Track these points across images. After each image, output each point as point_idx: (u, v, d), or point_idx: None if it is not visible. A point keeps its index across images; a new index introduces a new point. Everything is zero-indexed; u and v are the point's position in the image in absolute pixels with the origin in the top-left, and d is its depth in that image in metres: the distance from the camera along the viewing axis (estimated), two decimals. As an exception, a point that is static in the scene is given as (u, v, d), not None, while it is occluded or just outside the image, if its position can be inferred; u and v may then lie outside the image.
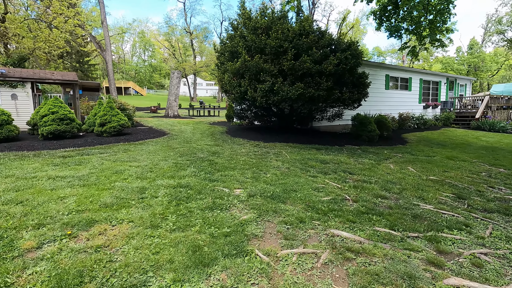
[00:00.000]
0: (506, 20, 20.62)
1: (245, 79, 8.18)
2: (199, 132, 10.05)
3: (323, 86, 7.62)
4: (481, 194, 4.43)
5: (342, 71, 7.86)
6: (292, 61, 7.48)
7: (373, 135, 9.12)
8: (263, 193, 3.98)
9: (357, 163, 6.23)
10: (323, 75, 7.75)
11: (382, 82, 13.60)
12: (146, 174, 4.55)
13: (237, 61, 8.23)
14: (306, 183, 4.53)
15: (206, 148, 6.99)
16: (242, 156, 6.20)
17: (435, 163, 6.53)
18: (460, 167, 6.26)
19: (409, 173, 5.53)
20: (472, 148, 8.93)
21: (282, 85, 7.61)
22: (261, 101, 7.90)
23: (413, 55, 11.87)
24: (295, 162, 5.87)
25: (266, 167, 5.37)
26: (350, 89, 8.39)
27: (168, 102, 18.49)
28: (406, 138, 10.43)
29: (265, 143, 8.19)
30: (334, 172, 5.30)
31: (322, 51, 7.77)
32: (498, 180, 5.39)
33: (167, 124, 12.66)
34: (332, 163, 6.08)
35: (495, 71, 52.69)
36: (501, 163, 6.76)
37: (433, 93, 16.98)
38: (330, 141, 9.03)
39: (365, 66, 12.55)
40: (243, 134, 9.85)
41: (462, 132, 13.35)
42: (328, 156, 6.77)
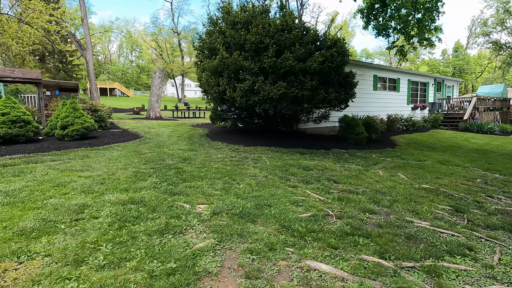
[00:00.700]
0: (491, 22, 20.68)
1: (224, 78, 7.55)
2: (176, 135, 9.34)
3: (307, 85, 7.06)
4: (481, 206, 3.92)
5: (327, 69, 7.32)
6: (273, 58, 6.89)
7: (361, 137, 8.62)
8: (231, 209, 3.34)
9: (343, 169, 5.68)
10: (307, 74, 7.20)
11: (370, 83, 13.21)
12: (95, 187, 3.85)
13: (215, 58, 7.59)
14: (284, 195, 3.92)
15: (178, 153, 6.30)
16: (216, 163, 5.55)
17: (426, 168, 6.04)
18: (454, 172, 5.79)
19: (400, 180, 5.00)
20: (463, 151, 8.55)
21: (263, 84, 7.01)
22: (241, 101, 7.27)
23: (401, 55, 11.50)
24: (275, 169, 5.26)
25: (241, 176, 4.74)
26: (336, 89, 7.86)
27: (150, 104, 17.64)
28: (395, 141, 10.01)
29: (246, 147, 7.56)
30: (317, 181, 4.71)
31: (306, 48, 7.22)
32: (495, 187, 4.92)
33: (145, 126, 11.87)
34: (316, 169, 5.50)
35: (479, 74, 53.84)
36: (495, 168, 6.34)
37: (421, 94, 16.76)
38: (316, 144, 8.48)
39: (353, 65, 12.11)
40: (224, 137, 9.20)
41: (451, 134, 13.08)
42: (312, 161, 6.20)
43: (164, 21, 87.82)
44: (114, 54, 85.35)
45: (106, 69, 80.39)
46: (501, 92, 19.37)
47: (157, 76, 17.32)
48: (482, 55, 56.63)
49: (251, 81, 7.13)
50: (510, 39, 20.59)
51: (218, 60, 7.34)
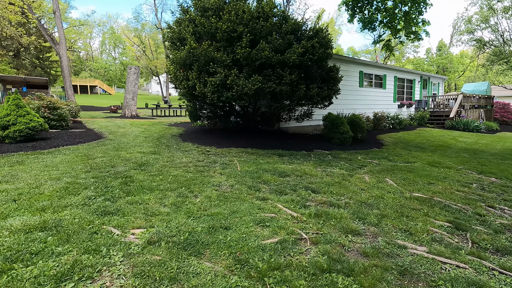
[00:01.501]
0: (475, 19, 20.61)
1: (193, 71, 6.71)
2: (145, 135, 8.43)
3: (286, 79, 6.33)
4: (483, 221, 3.28)
5: (308, 62, 6.61)
6: (247, 49, 6.11)
7: (346, 137, 7.98)
8: (175, 235, 2.56)
9: (325, 174, 4.98)
10: (286, 67, 6.46)
11: (356, 79, 12.65)
12: (1, 206, 2.97)
13: (184, 49, 6.74)
14: (249, 211, 3.16)
15: (136, 157, 5.44)
16: (176, 169, 4.73)
17: (417, 172, 5.43)
18: (447, 176, 5.19)
19: (388, 188, 4.34)
20: (453, 151, 8.05)
21: (236, 78, 6.22)
22: (212, 97, 6.47)
23: (388, 50, 10.98)
24: (245, 176, 4.49)
25: (202, 186, 3.95)
26: (319, 84, 7.17)
27: (125, 101, 16.54)
28: (382, 140, 9.45)
29: (218, 148, 6.77)
30: (293, 191, 3.98)
31: (284, 38, 6.48)
32: (494, 194, 4.34)
33: (115, 125, 10.86)
34: (294, 175, 4.78)
35: (462, 72, 54.95)
36: (489, 170, 5.80)
37: (407, 92, 16.39)
38: (298, 145, 7.77)
39: (337, 60, 11.49)
40: (198, 137, 8.37)
41: (438, 132, 12.70)
42: (290, 165, 5.47)
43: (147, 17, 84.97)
44: (96, 51, 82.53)
45: (88, 66, 77.68)
46: (485, 89, 19.33)
47: (132, 71, 16.23)
48: (464, 54, 57.86)
49: (224, 75, 6.33)
50: (493, 37, 20.56)
51: (186, 51, 6.50)
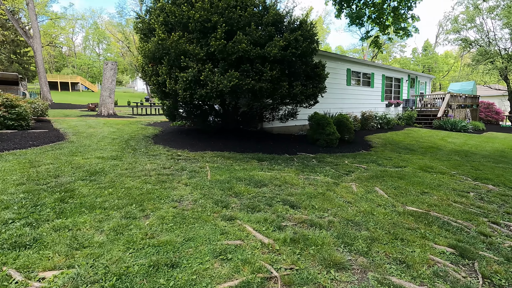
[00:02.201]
0: (462, 19, 20.59)
1: (163, 66, 6.00)
2: (114, 137, 7.64)
3: (267, 76, 5.71)
4: (490, 243, 2.76)
5: (291, 57, 6.01)
6: (223, 41, 5.45)
7: (332, 139, 7.44)
8: (99, 279, 1.89)
9: (307, 183, 4.39)
10: (267, 62, 5.84)
11: (343, 77, 12.18)
12: None
13: (152, 41, 6.01)
14: (210, 237, 2.53)
15: (91, 164, 4.70)
16: (134, 179, 4.03)
17: (408, 178, 4.92)
18: (441, 184, 4.70)
19: (379, 200, 3.79)
20: (444, 153, 7.64)
21: (211, 74, 5.56)
22: (184, 95, 5.78)
23: (376, 47, 10.53)
24: (214, 187, 3.85)
25: (159, 202, 3.28)
26: (303, 81, 6.59)
27: (101, 99, 15.55)
28: (370, 141, 8.98)
29: (192, 152, 6.09)
30: (269, 206, 3.37)
31: (265, 30, 5.85)
32: (495, 206, 3.85)
33: (85, 125, 9.98)
34: (272, 184, 4.17)
35: (446, 72, 55.94)
36: (484, 176, 5.36)
37: (395, 91, 16.09)
38: (280, 147, 7.18)
39: (324, 57, 10.97)
40: (172, 139, 7.65)
41: (426, 132, 12.40)
42: (269, 172, 4.86)
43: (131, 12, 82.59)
44: (79, 46, 79.79)
45: (70, 62, 75.01)
46: (471, 89, 19.32)
47: (108, 67, 15.24)
48: (448, 55, 59.00)
49: (197, 70, 5.65)
50: (479, 37, 20.60)
51: (154, 43, 5.78)
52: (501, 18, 18.88)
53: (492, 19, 20.16)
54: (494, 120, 21.01)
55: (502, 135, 13.56)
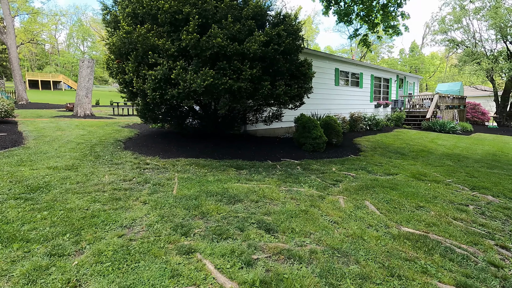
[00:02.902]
0: (449, 19, 20.58)
1: (130, 62, 5.34)
2: (80, 141, 6.90)
3: (246, 74, 5.13)
4: (504, 277, 2.28)
5: (273, 54, 5.46)
6: (195, 35, 4.84)
7: (319, 143, 6.94)
8: None
9: (289, 197, 3.84)
10: (246, 59, 5.27)
11: (332, 77, 11.74)
12: None
13: (117, 34, 5.34)
14: (154, 284, 1.93)
15: (38, 176, 4.01)
16: (83, 196, 3.38)
17: (401, 188, 4.45)
18: (437, 195, 4.24)
19: (370, 218, 3.28)
20: (435, 158, 7.26)
21: (183, 72, 4.94)
22: (154, 96, 5.14)
23: (365, 45, 10.11)
24: (177, 206, 3.25)
25: (103, 228, 2.65)
26: (287, 81, 6.05)
27: (77, 99, 14.62)
28: (359, 145, 8.54)
29: (163, 159, 5.45)
30: (240, 230, 2.80)
31: (245, 24, 5.27)
32: (499, 223, 3.40)
33: (54, 128, 9.17)
34: (248, 200, 3.60)
35: (432, 73, 56.86)
36: (481, 184, 4.95)
37: (384, 91, 15.81)
38: (263, 152, 6.62)
39: (311, 56, 10.49)
40: (145, 143, 6.98)
41: (415, 134, 12.10)
42: (247, 183, 4.29)
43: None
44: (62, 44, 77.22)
45: (53, 60, 72.51)
46: (459, 90, 19.31)
47: (85, 65, 14.33)
48: (434, 56, 60.07)
49: (167, 67, 5.02)
50: (465, 37, 20.64)
51: (118, 36, 5.11)
52: (487, 19, 18.91)
53: (478, 20, 20.22)
54: (480, 120, 21.11)
55: (490, 137, 13.45)
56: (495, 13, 17.48)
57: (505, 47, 19.36)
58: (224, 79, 4.99)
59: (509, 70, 17.28)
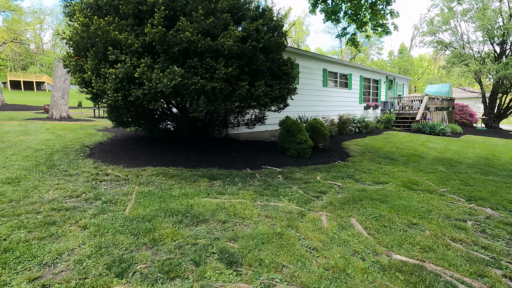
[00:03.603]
0: (437, 21, 20.52)
1: (89, 59, 4.73)
2: (40, 147, 6.22)
3: (220, 73, 4.59)
4: (522, 329, 1.80)
5: (251, 51, 4.94)
6: (161, 28, 4.27)
7: (304, 148, 6.45)
8: None
9: (264, 214, 3.32)
10: (221, 57, 4.73)
11: (319, 78, 11.31)
12: None
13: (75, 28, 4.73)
14: None
15: (-34, 193, 3.37)
16: (8, 220, 2.77)
17: (392, 201, 3.98)
18: (431, 209, 3.79)
19: (355, 242, 2.78)
20: (427, 163, 6.86)
21: (148, 70, 4.36)
22: (115, 97, 4.54)
23: (354, 45, 9.72)
24: (125, 231, 2.67)
25: (13, 269, 2.06)
26: (268, 81, 5.54)
27: (52, 100, 13.80)
28: (347, 149, 8.09)
29: (127, 168, 4.85)
30: (195, 265, 2.24)
31: (220, 17, 4.74)
32: (503, 243, 2.96)
33: (19, 132, 8.42)
34: (215, 220, 3.06)
35: (421, 75, 57.56)
36: (478, 194, 4.53)
37: (373, 93, 15.51)
38: (244, 159, 6.08)
39: (298, 55, 10.03)
40: (114, 150, 6.35)
41: (405, 136, 11.78)
42: (218, 197, 3.74)
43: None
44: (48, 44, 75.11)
45: (38, 60, 70.42)
46: (447, 91, 19.23)
47: (61, 64, 13.51)
48: (423, 58, 60.90)
49: (131, 65, 4.44)
50: (453, 39, 20.61)
51: (74, 30, 4.50)
52: (474, 21, 18.91)
53: (466, 22, 20.23)
54: (468, 122, 21.10)
55: (479, 139, 13.27)
56: (483, 14, 17.45)
57: (492, 49, 19.41)
58: (195, 79, 4.43)
59: (496, 72, 17.25)
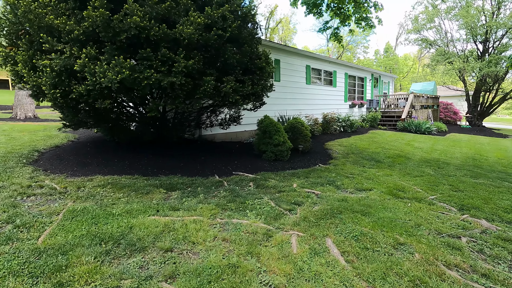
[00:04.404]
0: (422, 18, 20.43)
1: (22, 49, 3.98)
2: (-20, 152, 5.40)
3: (180, 67, 3.94)
4: None
5: (217, 41, 4.30)
6: (103, 11, 3.58)
7: (282, 150, 5.87)
8: None
9: (221, 236, 2.70)
10: (181, 47, 4.07)
11: (303, 75, 10.77)
12: None
13: (5, 11, 3.96)
14: None
15: None
16: None
17: (375, 213, 3.45)
18: (420, 222, 3.27)
19: (329, 274, 2.20)
20: (413, 164, 6.42)
21: (90, 62, 3.66)
22: (53, 94, 3.82)
23: (336, 40, 9.23)
24: (20, 273, 1.99)
25: None
26: (239, 76, 4.91)
27: (16, 99, 12.74)
28: (331, 150, 7.58)
29: (72, 178, 4.14)
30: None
31: (177, 1, 4.08)
32: (504, 267, 2.45)
33: (-33, 134, 7.50)
34: (156, 248, 2.42)
35: (406, 73, 58.33)
36: (470, 201, 4.07)
37: (359, 91, 15.15)
38: (213, 164, 5.44)
39: (278, 50, 9.45)
40: (66, 155, 5.60)
41: (391, 135, 11.42)
42: (169, 215, 3.10)
43: None
44: (25, 41, 71.86)
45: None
46: (432, 89, 19.15)
47: (25, 60, 12.47)
48: (407, 57, 61.81)
49: (72, 57, 3.73)
50: (438, 37, 20.58)
51: (1, 12, 3.74)
52: (458, 19, 18.88)
53: (450, 20, 20.21)
54: (452, 120, 21.15)
55: (465, 137, 13.09)
56: (467, 11, 17.40)
57: (475, 47, 19.46)
58: (148, 72, 3.77)
59: (480, 70, 17.25)
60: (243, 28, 4.73)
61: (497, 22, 16.85)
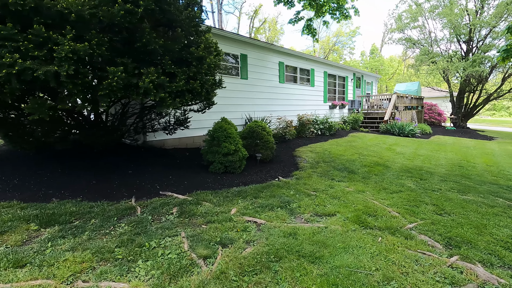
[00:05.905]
0: (405, 17, 19.85)
1: None
2: None
3: (63, 51, 2.80)
4: None
5: (128, 20, 3.19)
6: None
7: (234, 160, 4.79)
8: None
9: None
10: (68, 24, 2.94)
11: (275, 73, 9.75)
12: None
13: None
14: None
15: None
16: None
17: (330, 259, 2.40)
18: (390, 275, 2.24)
19: None
20: (392, 175, 5.46)
21: None
22: None
23: (310, 33, 8.26)
24: None
25: None
26: (168, 68, 3.79)
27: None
28: (299, 158, 6.55)
29: None
30: None
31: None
32: None
33: None
34: None
35: (391, 75, 58.57)
36: (458, 231, 3.09)
37: (339, 91, 14.27)
38: (140, 180, 4.29)
39: (246, 45, 8.40)
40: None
41: (372, 139, 10.53)
42: (6, 281, 1.96)
43: None
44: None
45: None
46: (416, 90, 18.55)
47: None
48: (393, 59, 62.12)
49: None
50: (422, 37, 20.04)
51: None
52: (441, 17, 18.36)
53: (433, 19, 19.72)
54: (437, 121, 20.64)
55: (450, 140, 12.38)
56: (450, 10, 16.86)
57: (459, 47, 19.01)
58: (9, 58, 2.61)
59: (464, 69, 16.72)
60: (177, 6, 3.63)
61: (481, 21, 16.38)
